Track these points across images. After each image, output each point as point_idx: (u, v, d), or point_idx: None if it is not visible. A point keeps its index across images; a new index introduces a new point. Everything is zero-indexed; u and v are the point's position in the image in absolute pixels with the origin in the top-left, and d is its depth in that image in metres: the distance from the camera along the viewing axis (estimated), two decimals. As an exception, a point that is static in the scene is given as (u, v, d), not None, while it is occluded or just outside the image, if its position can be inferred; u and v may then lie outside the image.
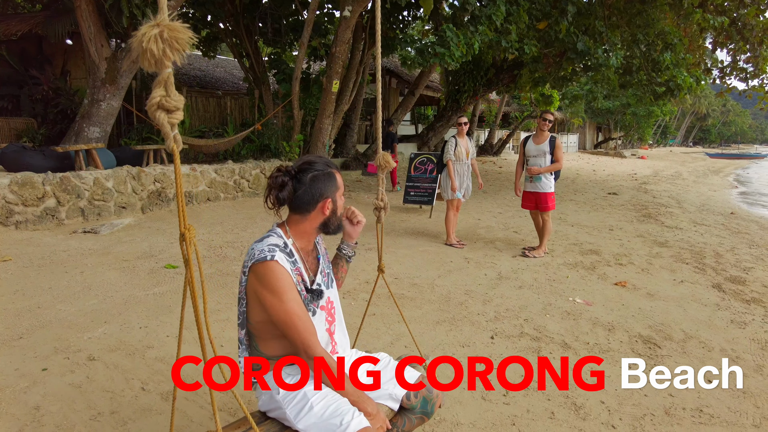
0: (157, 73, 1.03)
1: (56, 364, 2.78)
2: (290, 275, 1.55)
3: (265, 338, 1.61)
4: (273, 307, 1.51)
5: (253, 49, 11.50)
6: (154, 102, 1.04)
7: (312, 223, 1.67)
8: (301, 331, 1.52)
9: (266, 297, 1.51)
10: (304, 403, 1.56)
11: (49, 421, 2.27)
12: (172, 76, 1.06)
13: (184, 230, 1.15)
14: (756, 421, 2.55)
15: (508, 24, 8.67)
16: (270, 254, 1.52)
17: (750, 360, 3.24)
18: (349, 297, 4.12)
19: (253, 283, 1.53)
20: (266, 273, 1.51)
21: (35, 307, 3.61)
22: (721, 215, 9.67)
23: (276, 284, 1.51)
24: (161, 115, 1.06)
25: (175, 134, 1.09)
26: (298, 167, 1.64)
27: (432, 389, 1.83)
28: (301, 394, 1.58)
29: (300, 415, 1.55)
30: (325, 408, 1.53)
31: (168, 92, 1.05)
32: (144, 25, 1.00)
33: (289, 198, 1.61)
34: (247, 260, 1.56)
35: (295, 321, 1.51)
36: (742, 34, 10.80)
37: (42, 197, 6.02)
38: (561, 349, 3.30)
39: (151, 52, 0.99)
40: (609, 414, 2.57)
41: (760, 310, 4.19)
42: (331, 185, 1.67)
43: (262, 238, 1.61)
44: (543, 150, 5.55)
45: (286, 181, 1.61)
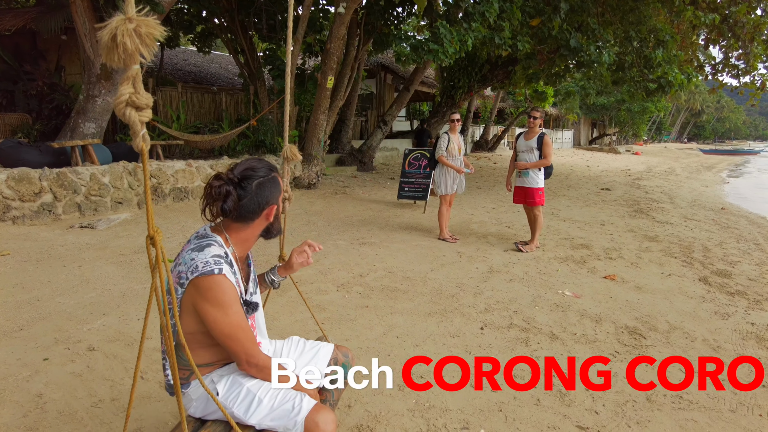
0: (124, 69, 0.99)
1: (57, 354, 2.86)
2: (235, 288, 1.49)
3: (193, 348, 1.52)
4: (216, 321, 1.44)
5: (248, 45, 11.52)
6: (122, 99, 1.01)
7: (255, 230, 1.62)
8: (243, 341, 1.49)
9: (209, 311, 1.43)
10: (251, 399, 1.55)
11: (52, 408, 2.35)
12: (140, 74, 1.03)
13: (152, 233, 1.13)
14: (733, 406, 2.65)
15: (502, 21, 8.74)
16: (217, 267, 1.43)
17: (730, 349, 3.35)
18: (343, 290, 4.21)
19: (193, 296, 1.44)
20: (212, 287, 1.42)
21: (35, 299, 3.68)
22: (712, 210, 9.80)
23: (222, 298, 1.43)
24: (131, 113, 1.02)
25: (144, 133, 1.05)
26: (240, 174, 1.54)
27: (347, 353, 1.93)
28: (244, 390, 1.57)
29: (250, 410, 1.54)
30: (274, 398, 1.55)
31: (137, 89, 1.02)
32: (115, 18, 0.96)
33: (234, 208, 1.52)
34: (185, 271, 1.45)
35: (239, 333, 1.48)
36: (734, 31, 10.92)
37: (39, 193, 6.06)
38: (549, 339, 3.40)
39: (124, 46, 0.95)
40: (593, 401, 2.67)
41: (743, 302, 4.30)
42: (276, 191, 1.61)
43: (200, 247, 1.48)
44: (531, 146, 5.65)
45: (230, 191, 1.50)
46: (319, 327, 2.37)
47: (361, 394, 2.61)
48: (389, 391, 2.65)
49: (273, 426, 1.53)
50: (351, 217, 7.51)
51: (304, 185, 9.87)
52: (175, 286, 1.46)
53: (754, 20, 10.77)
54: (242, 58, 11.77)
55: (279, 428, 1.53)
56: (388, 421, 2.39)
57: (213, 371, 1.63)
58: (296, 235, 6.19)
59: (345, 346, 2.02)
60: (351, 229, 6.68)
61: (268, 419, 1.53)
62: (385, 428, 2.34)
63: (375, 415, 2.44)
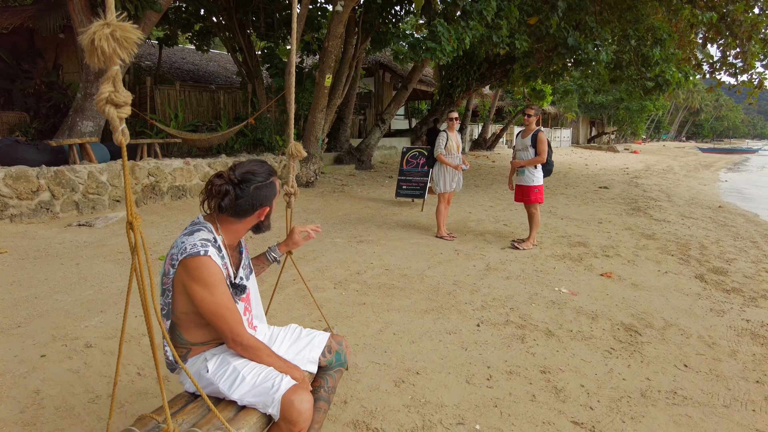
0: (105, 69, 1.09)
1: (54, 351, 2.87)
2: (221, 270, 1.61)
3: (187, 327, 1.67)
4: (203, 300, 1.56)
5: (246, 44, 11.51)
6: (102, 97, 1.10)
7: (246, 225, 1.75)
8: (229, 320, 1.60)
9: (196, 290, 1.55)
10: (235, 376, 1.64)
11: (49, 404, 2.36)
12: (120, 74, 1.11)
13: (131, 218, 1.24)
14: (726, 402, 2.67)
15: (499, 19, 8.75)
16: (203, 249, 1.56)
17: (725, 345, 3.37)
18: (340, 287, 4.22)
19: (182, 276, 1.56)
20: (198, 267, 1.54)
21: (32, 297, 3.69)
22: (709, 209, 9.83)
23: (208, 278, 1.55)
24: (110, 110, 1.11)
25: (123, 128, 1.15)
26: (240, 177, 1.66)
27: (341, 342, 2.02)
28: (231, 368, 1.66)
29: (233, 386, 1.63)
30: (256, 377, 1.64)
31: (116, 88, 1.11)
32: (94, 24, 1.05)
33: (230, 206, 1.65)
34: (176, 253, 1.57)
35: (224, 312, 1.59)
36: (731, 29, 10.94)
37: (36, 191, 6.06)
38: (544, 336, 3.41)
39: (102, 49, 1.04)
40: (588, 396, 2.69)
41: (738, 299, 4.32)
42: (272, 194, 1.74)
43: (191, 232, 1.62)
44: (526, 144, 5.67)
45: (229, 190, 1.64)
46: (323, 317, 2.39)
47: (357, 390, 2.62)
48: (385, 387, 2.67)
49: (253, 402, 1.62)
50: (349, 215, 7.52)
51: (303, 183, 9.88)
52: (168, 268, 1.60)
53: (752, 18, 10.80)
54: (240, 56, 11.76)
55: (258, 404, 1.61)
56: (383, 417, 2.41)
57: (207, 350, 1.73)
58: (294, 233, 6.19)
59: (342, 336, 2.09)
60: (349, 227, 6.69)
61: (249, 395, 1.62)
62: (380, 424, 2.35)
63: (371, 410, 2.45)
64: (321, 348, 1.94)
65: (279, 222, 6.51)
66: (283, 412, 1.57)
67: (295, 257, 5.22)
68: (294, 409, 1.56)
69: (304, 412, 1.57)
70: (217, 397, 1.69)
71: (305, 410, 1.57)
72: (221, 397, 1.68)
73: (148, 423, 1.53)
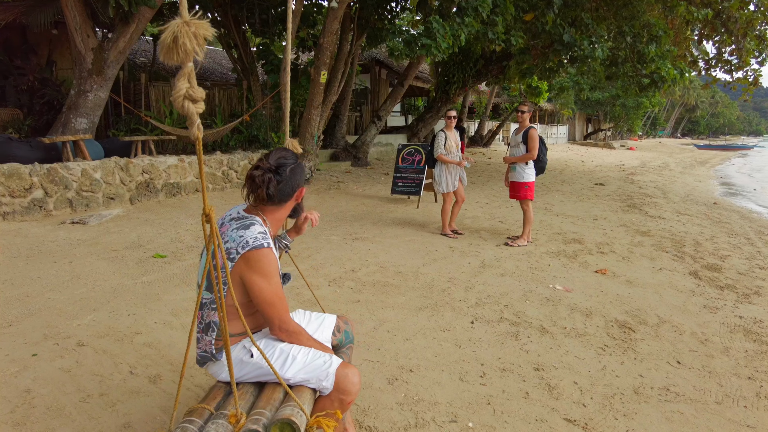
0: (180, 66, 1.11)
1: (46, 349, 2.85)
2: (277, 260, 1.72)
3: (231, 319, 1.71)
4: (261, 290, 1.64)
5: (242, 40, 11.46)
6: (181, 93, 1.12)
7: (287, 211, 1.84)
8: (279, 309, 1.70)
9: (256, 281, 1.63)
10: (285, 356, 1.72)
11: (40, 403, 2.34)
12: (194, 70, 1.14)
13: (208, 211, 1.29)
14: (719, 398, 2.68)
15: (495, 15, 8.73)
16: (265, 242, 1.65)
17: (718, 342, 3.38)
18: (335, 285, 4.21)
19: (242, 268, 1.63)
20: (261, 259, 1.63)
21: (24, 295, 3.67)
22: (704, 205, 9.86)
23: (268, 269, 1.65)
24: (189, 105, 1.13)
25: (199, 122, 1.17)
26: (276, 162, 1.75)
27: (346, 321, 2.18)
28: (278, 350, 1.74)
29: (286, 365, 1.71)
30: (306, 355, 1.73)
31: (192, 84, 1.13)
32: (173, 22, 1.08)
33: (276, 192, 1.73)
34: (234, 246, 1.64)
35: (277, 301, 1.68)
36: (727, 26, 10.96)
37: (29, 188, 6.02)
38: (538, 333, 3.42)
39: (185, 47, 1.07)
40: (581, 393, 2.69)
41: (732, 295, 4.34)
42: (303, 175, 1.85)
43: (245, 225, 1.69)
44: (518, 140, 5.67)
45: (271, 178, 1.72)
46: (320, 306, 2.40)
47: (351, 388, 2.62)
48: (378, 385, 2.66)
49: (306, 378, 1.71)
50: (344, 213, 7.50)
51: (298, 181, 9.84)
52: (223, 262, 1.59)
53: (747, 15, 10.81)
54: (235, 52, 11.70)
55: (311, 380, 1.70)
56: (376, 415, 2.40)
57: (242, 339, 1.78)
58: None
59: (345, 315, 2.26)
60: (344, 224, 6.68)
61: (302, 373, 1.70)
62: (373, 422, 2.35)
63: (363, 408, 2.45)
64: (331, 328, 2.08)
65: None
66: (338, 383, 1.68)
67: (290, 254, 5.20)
68: (348, 380, 1.69)
69: (357, 384, 1.71)
70: (259, 381, 1.76)
71: (357, 382, 1.71)
72: (265, 381, 1.75)
73: (202, 413, 1.55)
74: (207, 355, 1.75)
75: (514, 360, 3.03)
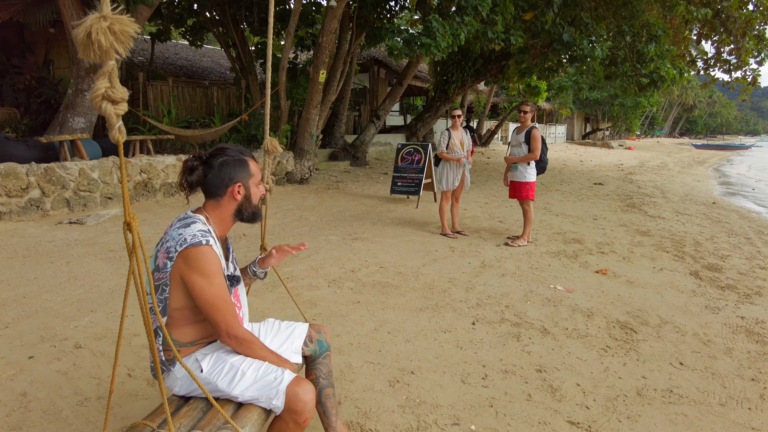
0: (101, 64, 1.04)
1: (43, 352, 2.82)
2: (220, 260, 1.64)
3: (179, 325, 1.65)
4: (203, 291, 1.56)
5: (240, 39, 11.42)
6: (99, 93, 1.05)
7: (226, 209, 1.73)
8: (224, 312, 1.60)
9: (196, 281, 1.55)
10: (234, 373, 1.63)
11: (36, 407, 2.31)
12: (116, 69, 1.07)
13: (129, 219, 1.19)
14: (722, 400, 2.66)
15: (494, 15, 8.71)
16: (204, 239, 1.57)
17: (720, 343, 3.36)
18: (334, 285, 4.18)
19: (181, 267, 1.56)
20: (200, 257, 1.55)
21: (21, 297, 3.63)
22: (703, 205, 9.85)
23: (208, 268, 1.56)
24: (107, 106, 1.07)
25: (120, 125, 1.10)
26: (209, 153, 1.71)
27: (319, 329, 2.05)
28: (228, 365, 1.65)
29: (234, 382, 1.61)
30: (256, 371, 1.63)
31: (113, 83, 1.06)
32: (90, 17, 1.01)
33: (198, 181, 1.67)
34: (174, 245, 1.57)
35: (221, 303, 1.59)
36: (726, 26, 10.95)
37: (26, 188, 5.98)
38: (540, 334, 3.39)
39: (99, 43, 1.00)
40: (584, 395, 2.67)
41: (733, 296, 4.32)
42: (242, 171, 1.73)
43: (187, 224, 1.62)
44: (520, 140, 5.64)
45: (196, 166, 1.67)
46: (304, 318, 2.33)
47: (351, 390, 2.59)
48: (380, 387, 2.64)
49: (255, 396, 1.61)
50: (343, 212, 7.47)
51: (297, 180, 9.82)
52: (164, 261, 1.58)
53: (746, 15, 10.81)
54: (234, 52, 11.67)
55: (261, 398, 1.60)
56: (378, 418, 2.38)
57: (197, 350, 1.71)
58: (288, 230, 6.15)
59: (320, 324, 2.12)
60: (343, 224, 6.65)
61: (251, 390, 1.61)
62: (375, 425, 2.32)
63: (365, 411, 2.42)
64: (302, 338, 1.96)
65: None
66: (289, 403, 1.58)
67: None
68: (299, 399, 1.57)
69: (309, 402, 1.59)
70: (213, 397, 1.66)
71: (310, 400, 1.59)
72: (216, 395, 1.65)
73: (142, 430, 1.48)
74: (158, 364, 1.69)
75: (516, 361, 3.00)
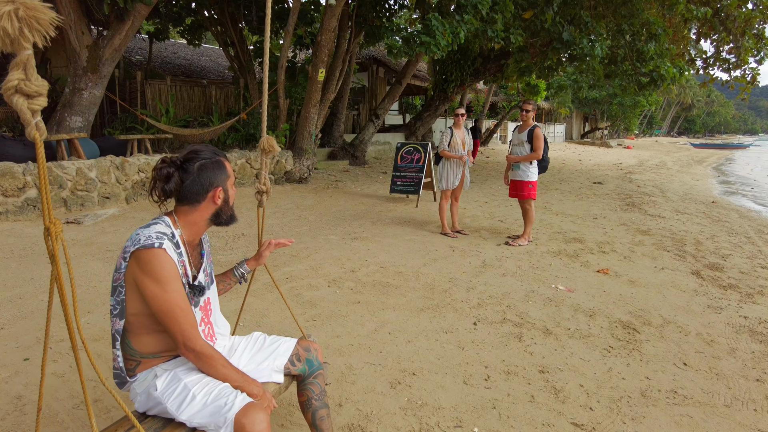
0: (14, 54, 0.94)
1: (39, 353, 2.77)
2: (176, 265, 1.50)
3: (139, 333, 1.53)
4: (155, 297, 1.44)
5: (238, 38, 11.36)
6: (10, 86, 0.95)
7: (203, 213, 1.62)
8: (182, 322, 1.47)
9: (148, 285, 1.44)
10: (185, 395, 1.50)
11: (32, 410, 2.27)
12: (33, 59, 0.96)
13: (49, 224, 1.07)
14: (727, 401, 2.63)
15: (494, 13, 8.67)
16: (158, 241, 1.46)
17: (724, 343, 3.33)
18: (334, 285, 4.15)
19: (134, 269, 1.45)
20: (151, 260, 1.44)
21: (17, 297, 3.58)
22: (703, 204, 9.84)
23: (161, 272, 1.44)
24: (19, 100, 0.96)
25: (38, 121, 0.98)
26: (183, 157, 1.58)
27: (308, 347, 1.90)
28: (181, 386, 1.52)
29: (182, 407, 1.49)
30: (208, 395, 1.49)
31: (27, 75, 0.95)
32: None
33: (176, 189, 1.55)
34: (129, 245, 1.47)
35: (177, 312, 1.46)
36: (725, 24, 10.94)
37: (23, 187, 5.93)
38: (542, 335, 3.36)
39: (4, 30, 0.90)
40: (587, 397, 2.63)
41: (735, 295, 4.30)
42: (221, 173, 1.62)
43: (148, 225, 1.52)
44: (522, 139, 5.61)
45: (172, 172, 1.54)
46: (298, 326, 2.30)
47: (352, 392, 2.56)
48: (381, 389, 2.60)
49: (203, 423, 1.46)
50: (343, 212, 7.44)
51: (296, 179, 9.78)
52: (120, 261, 1.48)
53: (746, 14, 10.79)
54: (232, 50, 11.61)
55: (209, 426, 1.45)
56: (379, 420, 2.34)
57: (158, 364, 1.58)
58: (287, 230, 6.11)
59: (310, 340, 1.97)
60: (343, 223, 6.61)
61: (199, 416, 1.47)
62: (376, 427, 2.29)
63: (366, 413, 2.39)
64: (287, 356, 1.82)
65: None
66: None
67: (288, 255, 5.11)
68: (246, 431, 1.40)
69: None
70: (168, 418, 1.54)
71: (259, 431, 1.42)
72: (169, 418, 1.53)
73: None
74: (119, 372, 1.55)
75: (519, 362, 2.97)
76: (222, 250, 5.05)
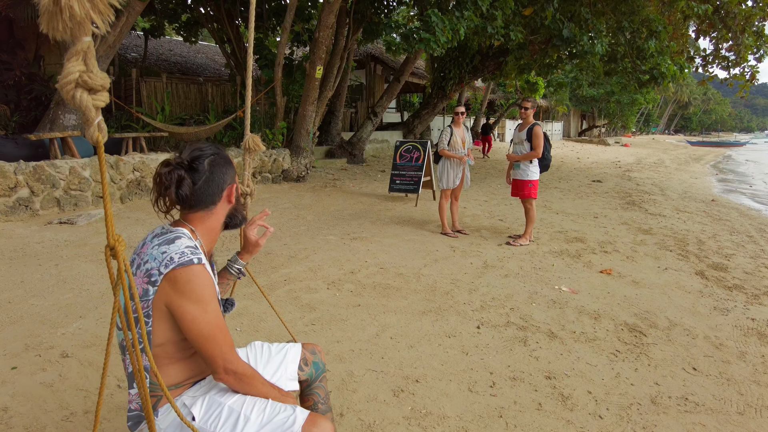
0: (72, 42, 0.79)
1: (27, 362, 2.67)
2: (214, 283, 1.38)
3: (162, 364, 1.37)
4: (195, 321, 1.28)
5: (235, 35, 11.24)
6: (71, 78, 0.80)
7: (219, 216, 1.47)
8: (222, 344, 1.33)
9: (188, 309, 1.28)
10: (235, 418, 1.38)
11: (18, 423, 2.17)
12: (93, 48, 0.82)
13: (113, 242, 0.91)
14: (740, 408, 2.55)
15: (494, 10, 8.58)
16: (195, 257, 1.29)
17: (733, 347, 3.26)
18: (334, 288, 4.05)
19: (167, 293, 1.27)
20: (191, 279, 1.28)
21: (5, 302, 3.47)
22: (703, 202, 9.78)
23: (202, 292, 1.29)
24: (83, 96, 0.82)
25: (100, 120, 0.85)
26: (190, 157, 1.40)
27: (314, 350, 1.82)
28: (226, 410, 1.39)
29: (237, 429, 1.37)
30: (261, 413, 1.39)
31: (89, 66, 0.81)
32: None
33: (190, 194, 1.37)
34: (156, 266, 1.28)
35: (218, 334, 1.32)
36: (725, 22, 10.87)
37: (14, 187, 5.80)
38: (547, 338, 3.28)
39: (71, 11, 0.76)
40: (596, 404, 2.55)
41: (741, 296, 4.22)
42: (230, 169, 1.48)
43: (170, 240, 1.33)
44: (522, 138, 5.52)
45: (183, 175, 1.36)
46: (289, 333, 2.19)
47: (354, 401, 2.47)
48: (383, 397, 2.51)
49: None
50: (341, 211, 7.34)
51: (293, 178, 9.67)
52: (145, 287, 1.28)
53: (746, 11, 10.74)
54: (229, 47, 11.49)
55: None
56: (382, 430, 2.25)
57: (183, 393, 1.45)
58: (285, 230, 6.01)
59: (311, 343, 1.88)
60: (341, 223, 6.51)
61: None
62: (379, 438, 2.20)
63: (369, 424, 2.30)
64: (297, 362, 1.74)
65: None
66: None
67: (287, 256, 5.00)
68: None
69: None
70: None
71: None
72: None
73: None
74: (136, 413, 1.37)
75: (524, 368, 2.88)
76: (219, 251, 4.95)
